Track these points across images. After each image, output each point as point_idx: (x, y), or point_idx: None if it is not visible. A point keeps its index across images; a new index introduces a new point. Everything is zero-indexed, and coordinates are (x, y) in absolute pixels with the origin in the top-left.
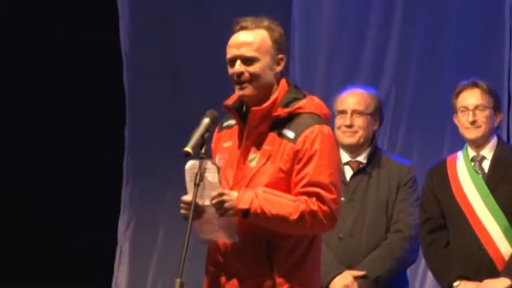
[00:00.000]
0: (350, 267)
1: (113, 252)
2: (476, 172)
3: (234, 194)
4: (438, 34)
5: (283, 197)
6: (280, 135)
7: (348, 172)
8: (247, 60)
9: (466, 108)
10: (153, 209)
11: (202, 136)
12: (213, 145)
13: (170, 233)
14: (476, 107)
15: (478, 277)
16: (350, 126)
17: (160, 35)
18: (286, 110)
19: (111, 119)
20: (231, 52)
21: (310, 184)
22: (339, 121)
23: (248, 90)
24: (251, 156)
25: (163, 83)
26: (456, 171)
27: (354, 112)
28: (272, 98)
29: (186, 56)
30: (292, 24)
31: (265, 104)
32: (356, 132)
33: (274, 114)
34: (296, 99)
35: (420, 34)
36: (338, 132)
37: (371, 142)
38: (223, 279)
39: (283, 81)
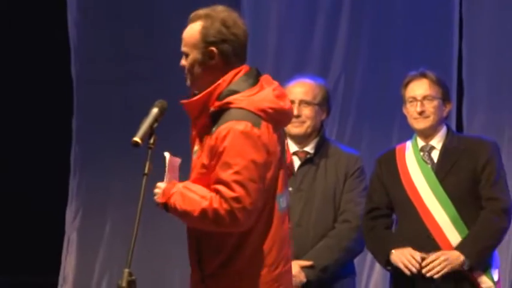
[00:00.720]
0: (297, 257)
1: (60, 242)
2: (425, 162)
3: (163, 187)
4: (387, 24)
5: (196, 192)
6: (211, 129)
7: (296, 162)
8: (184, 55)
9: (415, 99)
10: (101, 200)
11: (151, 126)
12: None
13: (118, 224)
14: (424, 98)
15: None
16: (298, 116)
17: (108, 24)
18: (217, 103)
19: (59, 109)
20: None
21: (216, 181)
22: None
23: (188, 82)
24: (195, 148)
25: (111, 72)
26: (405, 161)
27: (301, 102)
28: (206, 91)
29: (134, 45)
30: (242, 13)
31: (195, 98)
32: (304, 122)
33: (210, 106)
34: (233, 92)
35: (369, 24)
36: None
37: (319, 132)
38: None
39: (231, 73)
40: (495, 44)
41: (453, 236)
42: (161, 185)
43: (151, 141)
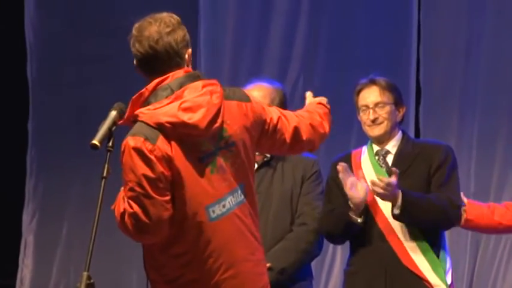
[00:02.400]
0: None
1: (17, 245)
2: (380, 166)
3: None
4: (345, 26)
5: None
6: None
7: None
8: None
9: (367, 107)
10: (58, 202)
11: (109, 129)
12: None
13: (75, 226)
14: (376, 105)
15: (382, 268)
16: None
17: (66, 25)
18: (129, 117)
19: (15, 111)
20: None
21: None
22: None
23: None
24: None
25: (69, 75)
26: (360, 165)
27: None
28: (130, 102)
29: (92, 47)
30: (200, 14)
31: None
32: None
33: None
34: (149, 103)
35: (327, 26)
36: None
37: None
38: None
39: (153, 82)
40: (452, 47)
41: (406, 239)
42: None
43: (110, 144)
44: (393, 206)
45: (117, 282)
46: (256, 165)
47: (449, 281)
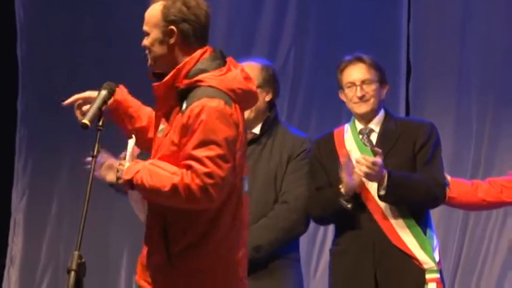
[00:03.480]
0: None
1: (7, 224)
2: (365, 145)
3: (127, 165)
4: (335, 3)
5: (165, 169)
6: (181, 106)
7: None
8: (145, 34)
9: (353, 84)
10: (47, 181)
11: (99, 108)
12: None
13: (64, 205)
14: (363, 82)
15: (370, 247)
16: None
17: (58, 4)
18: (186, 81)
19: (4, 90)
20: None
21: (187, 157)
22: None
23: (149, 62)
24: (160, 126)
25: (59, 53)
26: (344, 144)
27: None
28: (173, 70)
29: (83, 26)
30: None
31: (165, 79)
32: None
33: (177, 85)
34: (203, 70)
35: (317, 4)
36: None
37: (266, 113)
38: (142, 254)
39: (198, 52)
40: (442, 25)
41: (394, 217)
42: (124, 163)
43: (100, 123)
44: (379, 186)
45: (108, 260)
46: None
47: (437, 259)
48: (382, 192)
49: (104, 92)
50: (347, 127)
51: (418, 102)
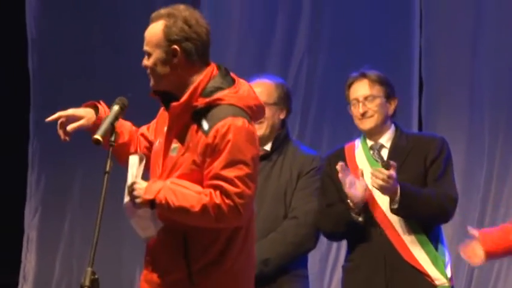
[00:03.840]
0: None
1: (20, 241)
2: (376, 160)
3: (144, 184)
4: (347, 20)
5: (190, 188)
6: (199, 126)
7: None
8: (147, 55)
9: (357, 100)
10: (60, 197)
11: (112, 123)
12: (154, 122)
13: (77, 221)
14: (365, 98)
15: (381, 263)
16: None
17: (68, 16)
18: (206, 100)
19: (16, 103)
20: None
21: (215, 177)
22: None
23: (151, 83)
24: (173, 145)
25: (70, 65)
26: (355, 159)
27: None
28: (190, 89)
29: (93, 36)
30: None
31: (183, 99)
32: (262, 123)
33: (194, 104)
34: (219, 88)
35: (330, 21)
36: None
37: (278, 130)
38: (149, 271)
39: (208, 69)
40: (453, 40)
41: (405, 233)
42: (141, 182)
43: (113, 138)
44: (391, 201)
45: (121, 276)
46: None
47: (449, 275)
48: (395, 206)
49: (116, 108)
50: (358, 143)
51: (430, 117)
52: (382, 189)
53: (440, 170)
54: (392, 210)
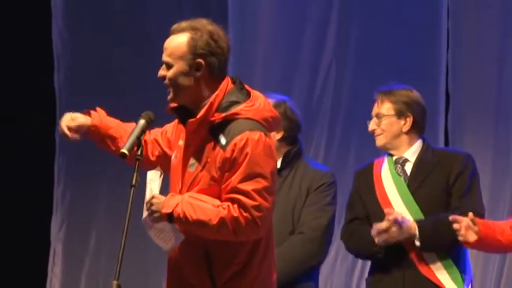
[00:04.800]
0: None
1: (46, 254)
2: (399, 175)
3: (162, 199)
4: (374, 34)
5: (208, 202)
6: (216, 141)
7: None
8: (166, 65)
9: (372, 117)
10: (86, 210)
11: (138, 138)
12: (172, 134)
13: (103, 234)
14: (376, 116)
15: (399, 278)
16: None
17: (94, 35)
18: (222, 115)
19: (42, 119)
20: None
21: (233, 191)
22: None
23: (170, 95)
24: (191, 161)
25: (96, 83)
26: (381, 175)
27: None
28: (206, 105)
29: (121, 56)
30: (229, 24)
31: (200, 114)
32: None
33: (210, 119)
34: (235, 103)
35: (357, 33)
36: None
37: (288, 148)
38: (173, 283)
39: (224, 83)
40: (480, 55)
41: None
42: (160, 197)
43: (139, 152)
44: (413, 238)
45: None
46: None
47: None
48: (418, 244)
49: (142, 122)
50: (385, 157)
51: (457, 133)
52: (392, 240)
53: (465, 185)
54: (418, 248)
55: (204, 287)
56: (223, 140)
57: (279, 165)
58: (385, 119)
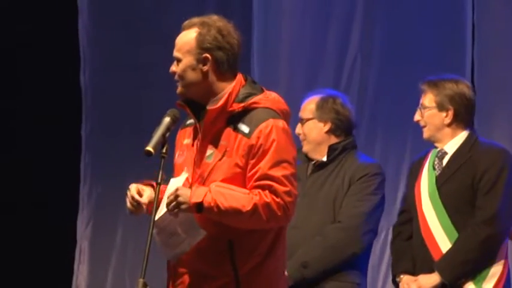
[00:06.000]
0: (291, 257)
1: (72, 252)
2: (434, 168)
3: (188, 190)
4: (400, 29)
5: (236, 190)
6: (236, 129)
7: (310, 169)
8: (177, 61)
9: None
10: (112, 208)
11: (163, 135)
12: (176, 142)
13: (129, 232)
14: (421, 107)
15: (422, 272)
16: (298, 134)
17: (120, 31)
18: (241, 104)
19: (68, 117)
20: None
21: (263, 178)
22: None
23: (179, 90)
24: (208, 152)
25: (122, 80)
26: (423, 166)
27: (299, 120)
28: (225, 94)
29: (146, 53)
30: (254, 22)
31: (220, 103)
32: (303, 140)
33: (229, 109)
34: (252, 94)
35: (381, 31)
36: None
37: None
38: (186, 279)
39: (239, 77)
40: (506, 51)
41: (445, 245)
42: (184, 189)
43: (164, 150)
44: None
45: None
46: (310, 170)
47: None
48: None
49: (167, 119)
50: (433, 149)
51: (484, 128)
52: None
53: (490, 183)
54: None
55: (226, 278)
56: (245, 128)
57: (324, 158)
58: (426, 111)
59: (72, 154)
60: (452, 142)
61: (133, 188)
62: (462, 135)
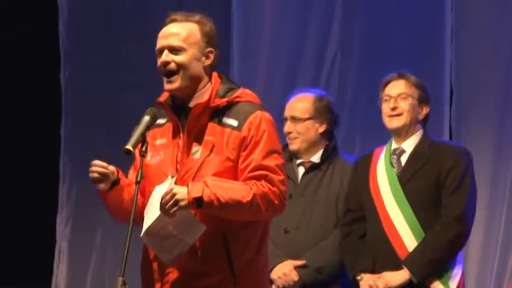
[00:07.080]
0: (293, 258)
1: (51, 252)
2: (392, 166)
3: (184, 188)
4: (379, 28)
5: (232, 182)
6: (221, 124)
7: (301, 171)
8: (174, 50)
9: (390, 97)
10: (91, 208)
11: (143, 134)
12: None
13: (109, 232)
14: (398, 95)
15: (386, 270)
16: (288, 133)
17: (100, 31)
18: (225, 99)
19: (47, 115)
20: (159, 43)
21: (258, 168)
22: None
23: (176, 83)
24: (194, 149)
25: (102, 80)
26: (376, 165)
27: (291, 119)
28: (209, 90)
29: (126, 53)
30: (232, 19)
31: (205, 98)
32: (296, 138)
33: (213, 105)
34: (232, 89)
35: (361, 28)
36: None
37: (326, 142)
38: (174, 277)
39: (215, 74)
40: (484, 50)
41: (410, 242)
42: (179, 187)
43: (144, 148)
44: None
45: None
46: (303, 171)
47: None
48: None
49: (146, 118)
50: (385, 147)
51: (460, 126)
52: None
53: (456, 181)
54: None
55: (222, 274)
56: (233, 122)
57: (317, 160)
58: (409, 100)
59: (51, 154)
60: (412, 139)
61: (97, 161)
62: (420, 133)
